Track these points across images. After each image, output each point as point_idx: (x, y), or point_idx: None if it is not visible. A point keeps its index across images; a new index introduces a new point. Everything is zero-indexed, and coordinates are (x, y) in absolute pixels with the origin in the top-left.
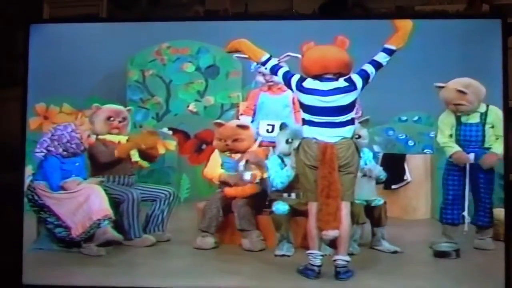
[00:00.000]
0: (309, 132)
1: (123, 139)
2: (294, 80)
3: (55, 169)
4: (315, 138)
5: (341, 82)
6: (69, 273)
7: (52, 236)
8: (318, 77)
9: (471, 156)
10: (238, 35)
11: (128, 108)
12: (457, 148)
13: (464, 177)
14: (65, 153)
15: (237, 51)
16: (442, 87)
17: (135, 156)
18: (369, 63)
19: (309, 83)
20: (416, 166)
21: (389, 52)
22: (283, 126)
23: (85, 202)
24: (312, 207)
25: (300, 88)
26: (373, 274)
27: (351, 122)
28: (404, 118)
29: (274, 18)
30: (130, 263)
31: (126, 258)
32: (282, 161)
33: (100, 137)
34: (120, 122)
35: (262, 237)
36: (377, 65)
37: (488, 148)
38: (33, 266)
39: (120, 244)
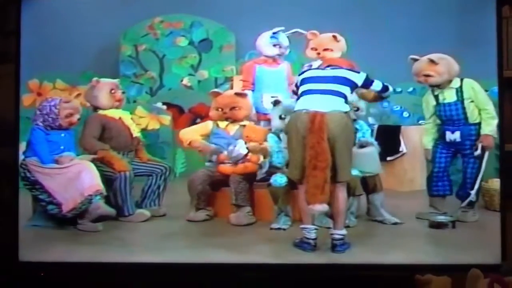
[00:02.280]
0: (301, 104)
1: (125, 114)
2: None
3: (40, 141)
4: (305, 109)
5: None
6: (65, 249)
7: (46, 213)
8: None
9: (457, 134)
10: (232, 9)
11: (116, 80)
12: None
13: (451, 153)
14: (43, 123)
15: None
16: (416, 59)
17: (135, 132)
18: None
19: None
20: (411, 138)
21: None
22: (276, 102)
23: (76, 178)
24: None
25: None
26: (369, 246)
27: (344, 96)
28: (398, 89)
29: None
30: (126, 239)
31: (122, 234)
32: (278, 137)
33: (101, 111)
34: (122, 93)
35: (252, 212)
36: (385, 87)
37: (474, 124)
38: (29, 243)
39: (115, 219)
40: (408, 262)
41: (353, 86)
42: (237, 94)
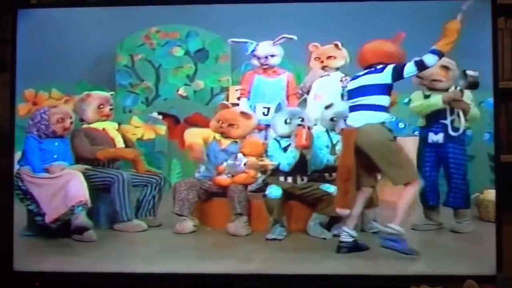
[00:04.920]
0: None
1: (109, 125)
2: None
3: (33, 150)
4: (345, 123)
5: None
6: (60, 259)
7: (35, 225)
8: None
9: (440, 135)
10: (229, 18)
11: (111, 93)
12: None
13: (434, 157)
14: (37, 132)
15: None
16: None
17: (120, 143)
18: (414, 60)
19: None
20: (407, 149)
21: (437, 53)
22: (278, 108)
23: (63, 188)
24: None
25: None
26: (363, 256)
27: (376, 107)
28: None
29: (266, 1)
30: (122, 249)
31: (118, 244)
32: (279, 143)
33: (85, 126)
34: (110, 109)
35: (248, 222)
36: (420, 63)
37: (458, 128)
38: (24, 252)
39: (110, 229)
40: (403, 273)
41: (384, 89)
42: (242, 113)
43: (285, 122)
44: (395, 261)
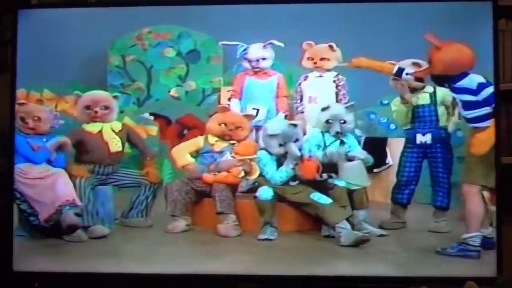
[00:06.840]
0: None
1: (105, 126)
2: None
3: (22, 143)
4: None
5: None
6: (60, 260)
7: (28, 225)
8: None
9: (428, 136)
10: (222, 20)
11: (114, 95)
12: None
13: (421, 158)
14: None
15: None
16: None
17: (116, 146)
18: None
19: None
20: (398, 150)
21: None
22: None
23: (50, 187)
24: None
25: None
26: (360, 258)
27: None
28: (385, 101)
29: (259, 2)
30: (119, 249)
31: (115, 244)
32: (270, 154)
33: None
34: (101, 110)
35: (237, 222)
36: None
37: (444, 128)
38: (24, 253)
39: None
40: (402, 274)
41: None
42: (246, 115)
43: (279, 145)
44: (395, 263)
